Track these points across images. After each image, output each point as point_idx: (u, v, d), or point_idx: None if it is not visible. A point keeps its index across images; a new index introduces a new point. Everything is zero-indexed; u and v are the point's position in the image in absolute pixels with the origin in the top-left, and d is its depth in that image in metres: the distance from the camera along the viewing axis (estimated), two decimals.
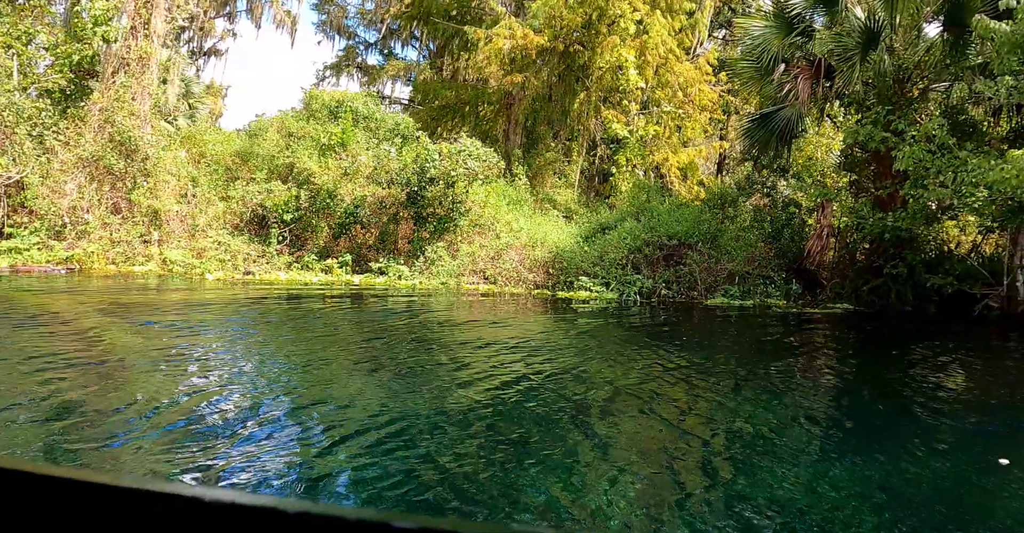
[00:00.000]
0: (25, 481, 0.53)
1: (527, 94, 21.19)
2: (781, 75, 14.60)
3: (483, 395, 5.75)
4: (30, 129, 14.97)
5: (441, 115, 23.59)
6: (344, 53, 38.69)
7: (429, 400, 5.48)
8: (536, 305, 13.05)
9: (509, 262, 15.41)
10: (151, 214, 15.55)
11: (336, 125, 17.64)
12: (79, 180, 15.17)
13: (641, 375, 6.96)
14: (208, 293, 12.12)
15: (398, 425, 4.75)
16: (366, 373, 6.38)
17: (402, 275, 15.35)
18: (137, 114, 16.05)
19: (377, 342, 8.18)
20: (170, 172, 16.12)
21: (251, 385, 5.74)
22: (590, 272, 14.91)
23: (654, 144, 21.06)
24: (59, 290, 11.35)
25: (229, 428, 4.51)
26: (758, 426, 5.26)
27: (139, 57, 16.18)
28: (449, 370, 6.78)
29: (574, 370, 7.06)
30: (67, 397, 5.03)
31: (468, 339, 8.96)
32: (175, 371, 6.08)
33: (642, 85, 19.51)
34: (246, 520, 0.49)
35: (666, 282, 14.74)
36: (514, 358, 7.48)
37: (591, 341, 9.26)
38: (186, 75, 30.34)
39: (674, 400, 6.02)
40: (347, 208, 16.29)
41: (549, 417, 5.21)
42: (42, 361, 6.09)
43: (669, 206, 16.72)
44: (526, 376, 6.57)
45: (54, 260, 14.09)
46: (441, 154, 15.98)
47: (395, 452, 4.25)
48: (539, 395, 5.85)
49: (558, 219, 18.37)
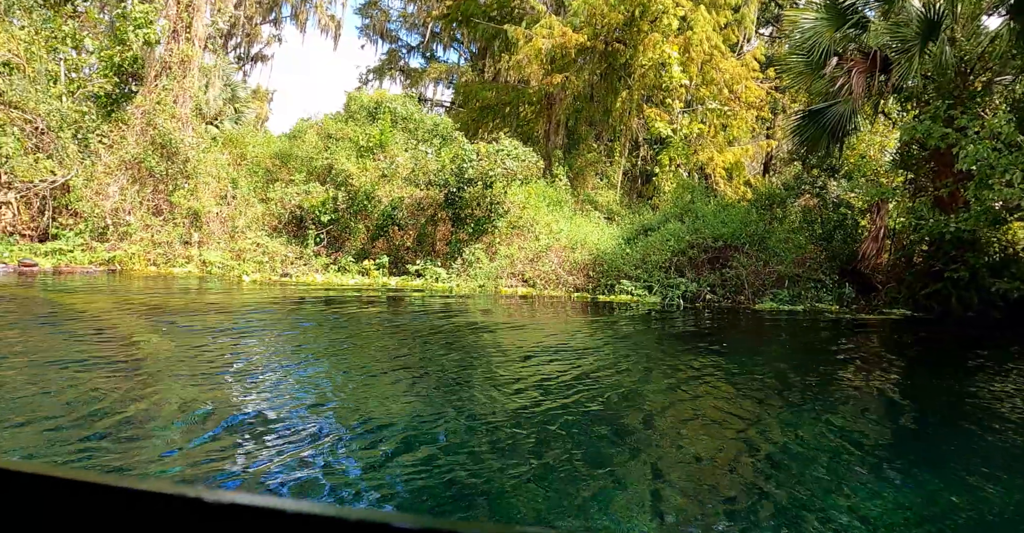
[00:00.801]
0: (25, 481, 0.52)
1: (568, 94, 20.79)
2: (833, 69, 13.93)
3: (519, 406, 5.42)
4: (75, 133, 15.14)
5: (482, 116, 23.35)
6: (387, 56, 38.91)
7: (466, 409, 5.22)
8: (576, 309, 12.64)
9: (548, 264, 15.03)
10: (191, 216, 15.60)
11: (374, 126, 17.50)
12: (122, 182, 15.29)
13: (683, 386, 6.51)
14: (245, 295, 12.01)
15: (433, 434, 4.53)
16: (402, 380, 6.12)
17: (439, 277, 15.09)
18: (178, 117, 16.13)
19: (414, 347, 7.89)
20: (210, 174, 16.16)
21: (288, 391, 5.52)
22: (632, 275, 14.43)
23: (698, 143, 20.42)
24: (98, 291, 11.35)
25: (265, 435, 4.33)
26: (808, 444, 4.79)
27: (180, 60, 16.27)
28: (486, 378, 6.45)
29: (614, 379, 6.65)
30: (100, 401, 4.87)
31: (505, 345, 8.62)
32: (211, 376, 5.88)
33: (686, 82, 18.94)
34: (246, 520, 0.48)
35: (711, 286, 14.17)
36: (552, 366, 7.12)
37: (632, 348, 8.82)
38: (232, 80, 30.68)
39: (717, 413, 5.58)
40: (384, 210, 16.11)
41: (586, 430, 4.83)
42: (77, 364, 5.94)
43: (714, 207, 16.12)
44: (564, 384, 6.20)
45: (96, 261, 14.19)
46: (479, 154, 15.69)
47: (431, 462, 4.02)
48: (577, 406, 5.48)
49: (599, 220, 17.91)
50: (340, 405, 5.21)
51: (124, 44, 16.04)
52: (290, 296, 12.17)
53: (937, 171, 13.68)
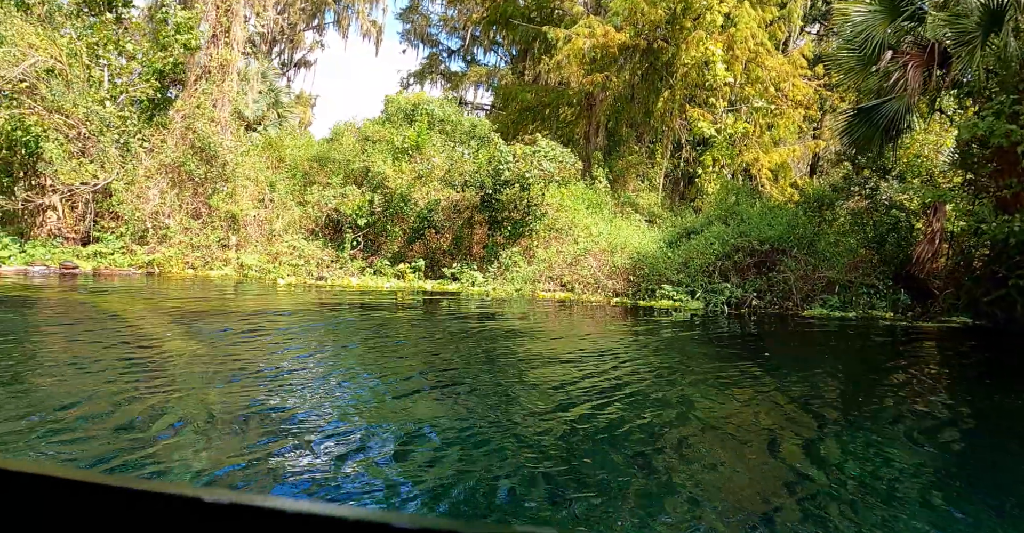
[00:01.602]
0: (25, 481, 0.52)
1: (608, 94, 20.32)
2: (888, 64, 13.22)
3: (553, 414, 5.12)
4: (116, 137, 15.25)
5: (521, 118, 23.01)
6: (427, 60, 38.91)
7: (499, 418, 4.97)
8: (615, 315, 12.20)
9: (587, 268, 14.60)
10: (229, 219, 15.59)
11: (411, 129, 17.30)
12: (161, 186, 15.36)
13: (727, 399, 6.07)
14: (280, 299, 11.88)
15: (466, 443, 4.35)
16: (435, 387, 5.88)
17: (475, 281, 14.78)
18: (217, 120, 16.15)
19: (449, 353, 7.62)
20: (248, 177, 16.14)
21: (320, 397, 5.35)
22: (674, 280, 13.90)
23: (743, 143, 19.73)
24: (133, 294, 11.33)
25: (297, 440, 4.23)
26: (855, 469, 4.31)
27: (220, 64, 16.31)
28: (520, 386, 6.14)
29: (650, 390, 6.25)
30: (133, 405, 4.79)
31: (541, 351, 8.26)
32: (243, 381, 5.72)
33: (730, 80, 18.30)
34: (246, 520, 0.48)
35: (757, 291, 13.56)
36: (587, 374, 6.74)
37: (672, 356, 8.36)
38: (276, 86, 30.94)
39: (762, 430, 5.11)
40: (420, 212, 15.89)
41: (617, 446, 4.46)
42: (110, 366, 5.80)
43: (760, 209, 15.48)
44: (598, 394, 5.84)
45: (136, 264, 14.26)
46: (515, 155, 15.35)
47: (464, 469, 3.90)
48: (609, 418, 5.12)
49: (640, 223, 17.38)
50: (371, 413, 5.00)
51: (165, 50, 16.14)
52: (325, 300, 12.00)
53: (1000, 170, 12.84)
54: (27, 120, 13.87)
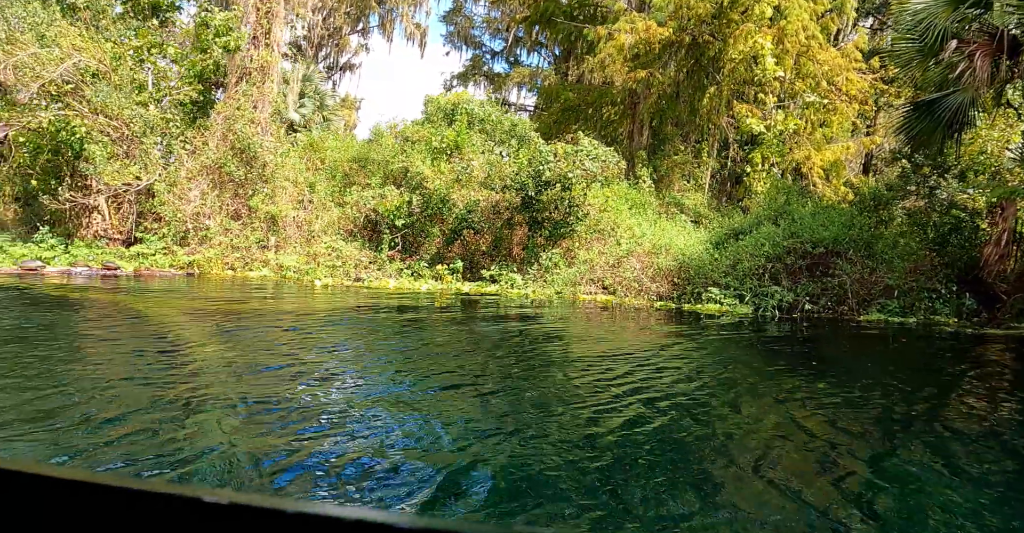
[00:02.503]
0: (25, 481, 0.52)
1: (652, 92, 19.70)
2: (951, 54, 12.37)
3: (592, 426, 4.73)
4: (158, 139, 15.30)
5: (563, 118, 22.51)
6: (471, 62, 38.82)
7: (536, 427, 4.68)
8: (659, 319, 11.65)
9: (630, 271, 14.06)
10: (269, 220, 15.50)
11: (451, 129, 16.99)
12: (203, 187, 15.34)
13: (778, 411, 5.55)
14: (317, 301, 11.67)
15: (500, 453, 4.11)
16: (472, 394, 5.57)
17: (514, 284, 14.38)
18: (257, 122, 16.09)
19: (486, 359, 7.21)
20: (288, 178, 16.03)
21: (355, 401, 5.12)
22: (721, 282, 13.27)
23: (793, 141, 18.89)
24: (171, 295, 11.23)
25: (329, 445, 4.10)
26: (914, 496, 3.76)
27: (260, 66, 16.24)
28: (558, 394, 5.75)
29: (695, 399, 5.76)
30: (173, 408, 4.67)
31: (581, 358, 7.82)
32: (279, 385, 5.49)
33: (780, 75, 17.51)
34: (246, 520, 0.48)
35: (810, 295, 12.85)
36: (630, 383, 6.27)
37: (718, 363, 7.81)
38: (321, 89, 31.06)
39: (813, 448, 4.58)
40: (459, 213, 15.56)
41: (659, 458, 4.05)
42: (146, 372, 5.56)
43: (812, 209, 14.72)
44: (643, 405, 5.40)
45: (176, 265, 14.24)
46: (556, 155, 14.90)
47: (496, 478, 3.71)
48: (654, 432, 4.68)
49: (686, 224, 16.73)
50: (405, 419, 4.76)
51: (205, 52, 16.16)
52: (362, 302, 11.74)
53: None
54: (72, 121, 13.97)
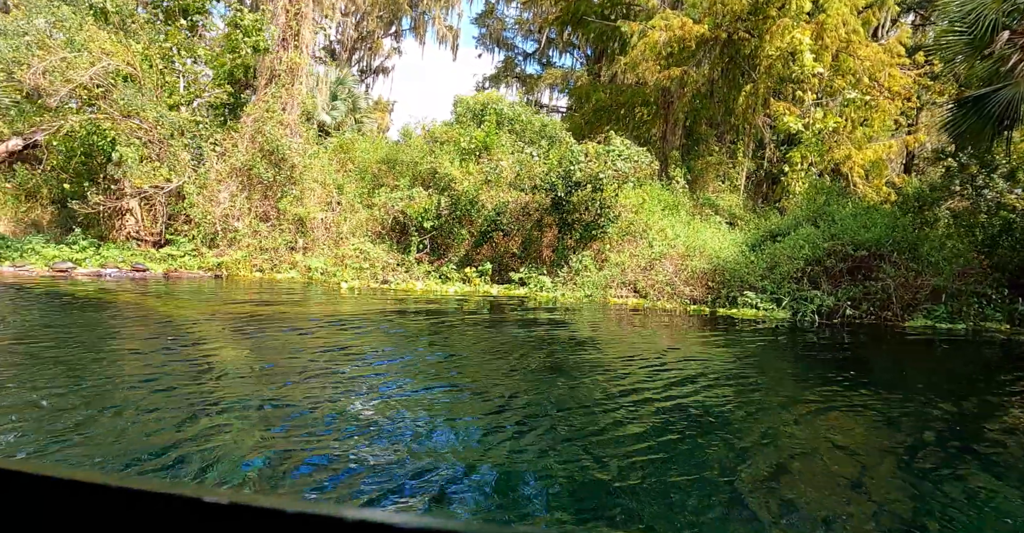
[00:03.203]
0: (25, 481, 0.52)
1: (686, 91, 19.22)
2: (1003, 46, 11.74)
3: (622, 438, 4.51)
4: (187, 141, 15.30)
5: (595, 119, 22.12)
6: (503, 64, 38.64)
7: (564, 437, 4.49)
8: (692, 324, 11.22)
9: (663, 273, 13.63)
10: (297, 222, 15.41)
11: (480, 129, 16.73)
12: (231, 189, 15.30)
13: (818, 424, 5.16)
14: (343, 304, 11.49)
15: (527, 464, 3.98)
16: (500, 402, 5.36)
17: (543, 286, 14.05)
18: (286, 124, 16.01)
19: (514, 364, 6.95)
20: (316, 180, 15.93)
21: (379, 409, 4.97)
22: (757, 286, 12.77)
23: (833, 140, 18.21)
24: (199, 296, 11.15)
25: (355, 458, 3.98)
26: (968, 516, 3.35)
27: (289, 68, 16.16)
28: (587, 402, 5.47)
29: (731, 411, 5.41)
30: (190, 410, 4.62)
31: (612, 364, 7.48)
32: (302, 390, 5.37)
33: (820, 71, 16.88)
34: (246, 520, 0.48)
35: (851, 299, 12.28)
36: (663, 391, 5.96)
37: (754, 371, 7.40)
38: (355, 92, 31.10)
39: (857, 464, 4.19)
40: (488, 215, 15.29)
41: (695, 477, 3.72)
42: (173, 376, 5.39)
43: (853, 209, 14.12)
44: (675, 414, 5.12)
45: (205, 267, 14.20)
46: (587, 155, 14.54)
47: (521, 493, 3.60)
48: (687, 444, 4.39)
49: (720, 225, 16.23)
50: (430, 425, 4.67)
51: (235, 52, 16.14)
52: (388, 305, 11.53)
53: None
54: (103, 124, 14.02)
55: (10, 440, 3.85)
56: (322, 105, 21.63)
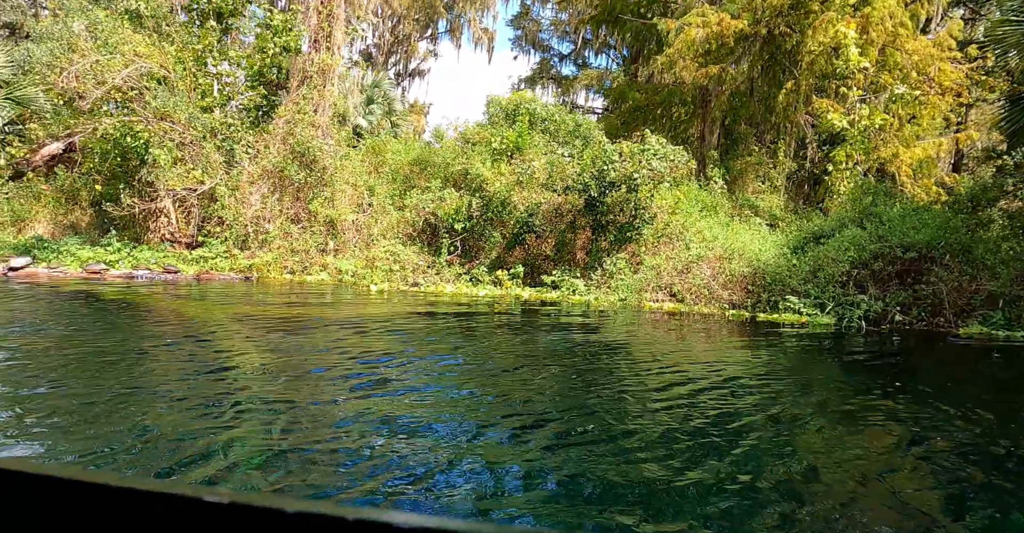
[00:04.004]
0: (25, 481, 0.52)
1: (724, 89, 18.69)
2: None
3: (653, 451, 4.26)
4: (219, 143, 15.29)
5: (630, 119, 21.66)
6: (538, 66, 38.40)
7: (595, 449, 4.29)
8: (731, 329, 10.77)
9: (700, 277, 13.17)
10: (328, 223, 15.30)
11: (511, 129, 16.44)
12: (263, 191, 15.26)
13: (864, 444, 4.73)
14: (372, 306, 11.31)
15: (558, 484, 3.74)
16: (529, 409, 5.17)
17: (576, 290, 13.70)
18: (317, 125, 15.93)
19: (545, 371, 6.67)
20: (347, 182, 15.81)
21: (405, 418, 4.81)
22: (800, 290, 12.24)
23: (879, 137, 17.47)
24: (229, 299, 11.07)
25: (384, 458, 3.94)
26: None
27: (320, 69, 16.08)
28: (621, 412, 5.20)
29: (775, 426, 5.01)
30: (214, 412, 4.52)
31: (646, 371, 7.12)
32: (327, 394, 5.29)
33: (866, 66, 16.20)
34: (246, 520, 0.48)
35: (901, 304, 11.68)
36: (698, 402, 5.60)
37: (800, 383, 6.94)
38: (390, 95, 31.10)
39: (910, 493, 3.78)
40: (520, 216, 14.99)
41: (736, 502, 3.36)
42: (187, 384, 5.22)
43: (902, 210, 13.48)
44: (713, 427, 4.78)
45: (236, 269, 14.16)
46: (622, 155, 14.15)
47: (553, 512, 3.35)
48: (725, 463, 4.02)
49: (760, 227, 15.69)
50: (452, 437, 4.45)
51: (263, 52, 16.12)
52: (417, 308, 11.31)
53: None
54: (136, 126, 14.07)
55: (39, 449, 3.78)
56: (353, 106, 21.53)
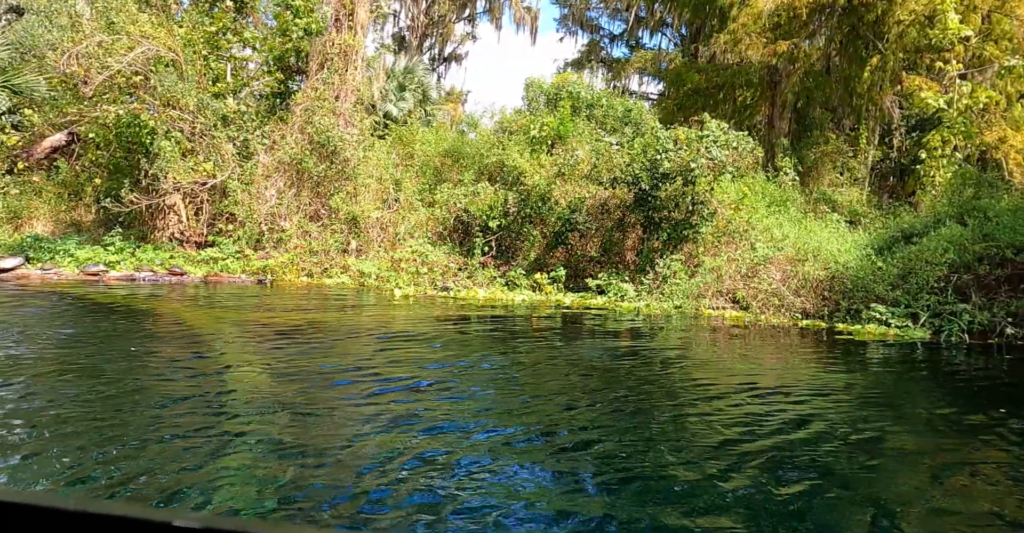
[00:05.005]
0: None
1: (797, 68, 17.52)
2: None
3: (713, 494, 3.90)
4: (232, 133, 14.84)
5: (688, 103, 20.60)
6: (587, 48, 37.34)
7: (648, 486, 4.02)
8: (805, 343, 9.81)
9: (768, 281, 12.17)
10: (350, 221, 14.72)
11: (553, 116, 15.61)
12: (279, 185, 14.76)
13: (972, 490, 4.15)
14: (398, 314, 10.70)
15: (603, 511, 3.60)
16: (572, 439, 4.84)
17: (625, 295, 12.80)
18: (339, 113, 15.36)
19: (589, 393, 6.21)
20: (371, 175, 15.21)
21: (433, 446, 4.56)
22: (887, 298, 11.11)
23: (983, 119, 15.96)
24: (241, 305, 10.61)
25: (405, 490, 3.81)
26: None
27: (342, 51, 15.50)
28: (677, 444, 4.82)
29: (850, 463, 4.49)
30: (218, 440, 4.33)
31: (705, 395, 6.42)
32: (346, 420, 5.04)
33: (968, 34, 14.76)
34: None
35: (1012, 315, 10.40)
36: (765, 431, 5.15)
37: (887, 411, 6.05)
38: (424, 82, 30.63)
39: None
40: (562, 213, 14.18)
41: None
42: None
43: (1012, 203, 12.16)
44: (780, 460, 4.41)
45: (248, 270, 13.68)
46: (677, 142, 13.19)
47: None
48: (789, 506, 3.71)
49: (839, 225, 14.60)
50: (484, 471, 4.15)
51: (286, 35, 15.66)
52: (446, 316, 10.73)
53: None
54: (142, 115, 13.71)
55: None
56: (382, 92, 21.03)
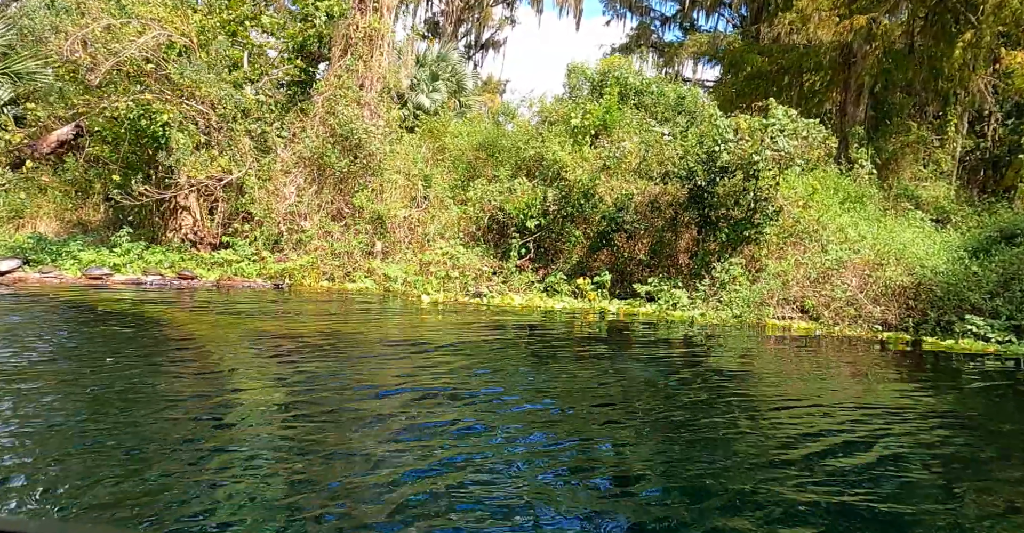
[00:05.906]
0: None
1: (875, 47, 16.63)
2: None
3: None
4: (250, 125, 14.52)
5: (748, 89, 19.83)
6: (636, 31, 36.46)
7: None
8: (887, 359, 9.16)
9: (842, 288, 11.49)
10: (375, 221, 14.29)
11: (598, 104, 14.98)
12: (299, 182, 14.41)
13: None
14: (424, 323, 10.30)
15: None
16: (619, 476, 4.48)
17: (678, 303, 12.13)
18: (363, 103, 14.96)
19: (637, 418, 5.78)
20: (399, 170, 14.77)
21: (465, 482, 4.22)
22: (985, 308, 10.38)
23: None
24: (254, 313, 10.26)
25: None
26: None
27: (366, 36, 15.10)
28: (735, 485, 4.32)
29: (938, 508, 4.06)
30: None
31: (768, 420, 5.92)
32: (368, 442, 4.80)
33: None
34: None
35: None
36: (837, 467, 4.66)
37: (977, 439, 5.60)
38: (460, 70, 30.28)
39: None
40: (607, 211, 13.60)
41: None
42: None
43: None
44: (853, 502, 3.97)
45: (264, 274, 13.34)
46: (738, 132, 12.47)
47: None
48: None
49: (924, 224, 13.90)
50: (519, 503, 3.91)
51: (306, 21, 15.34)
52: (478, 325, 10.28)
53: None
54: (153, 106, 13.47)
55: None
56: (412, 81, 20.62)
